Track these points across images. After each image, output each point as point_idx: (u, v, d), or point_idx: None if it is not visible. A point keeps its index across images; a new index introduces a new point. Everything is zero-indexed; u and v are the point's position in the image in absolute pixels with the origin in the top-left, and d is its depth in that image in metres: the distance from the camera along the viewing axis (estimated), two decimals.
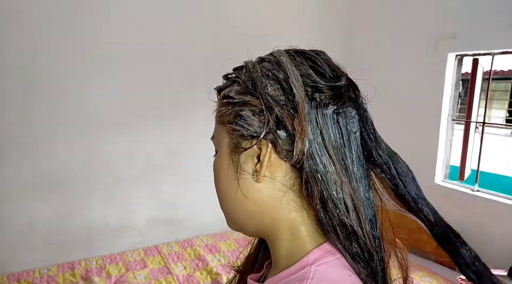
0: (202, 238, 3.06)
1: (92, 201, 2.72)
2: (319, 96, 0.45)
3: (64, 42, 2.48)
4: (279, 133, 0.45)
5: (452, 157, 2.99)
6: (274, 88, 0.46)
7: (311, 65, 0.47)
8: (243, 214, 0.50)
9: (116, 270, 2.57)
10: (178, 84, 2.89)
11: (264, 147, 0.45)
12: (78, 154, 2.63)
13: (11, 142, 2.42)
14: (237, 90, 0.47)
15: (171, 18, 2.79)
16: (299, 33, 3.26)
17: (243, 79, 0.48)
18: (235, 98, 0.47)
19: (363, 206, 0.46)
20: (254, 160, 0.47)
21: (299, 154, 0.44)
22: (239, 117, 0.46)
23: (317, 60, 0.48)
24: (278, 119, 0.45)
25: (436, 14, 2.84)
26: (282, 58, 0.47)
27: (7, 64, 2.35)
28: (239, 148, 0.47)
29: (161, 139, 2.89)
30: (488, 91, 2.87)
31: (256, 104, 0.45)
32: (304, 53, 0.49)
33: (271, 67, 0.47)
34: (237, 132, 0.47)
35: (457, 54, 2.81)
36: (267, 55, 0.50)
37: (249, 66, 0.49)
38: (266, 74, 0.46)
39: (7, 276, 2.41)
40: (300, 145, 0.44)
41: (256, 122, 0.45)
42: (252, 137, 0.46)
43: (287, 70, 0.46)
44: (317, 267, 0.44)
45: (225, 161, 0.49)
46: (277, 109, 0.44)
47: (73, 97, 2.56)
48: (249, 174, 0.47)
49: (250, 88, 0.47)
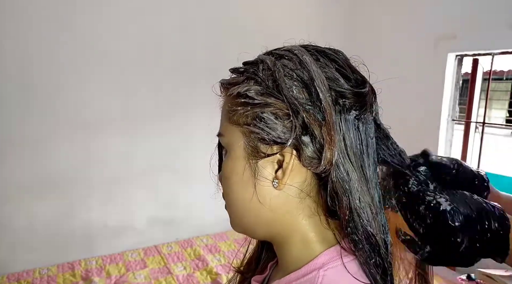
0: (202, 238, 3.05)
1: (92, 201, 2.72)
2: (343, 101, 0.43)
3: (64, 42, 2.48)
4: (303, 139, 0.42)
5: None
6: (299, 91, 0.43)
7: (336, 68, 0.45)
8: (255, 219, 0.47)
9: (116, 270, 2.57)
10: (178, 84, 2.88)
11: (288, 154, 0.43)
12: (77, 154, 2.63)
13: (11, 142, 2.42)
14: (258, 90, 0.44)
15: (171, 18, 2.79)
16: (299, 33, 3.26)
17: (262, 78, 0.44)
18: (255, 99, 0.43)
19: (379, 213, 0.45)
20: (275, 166, 0.44)
21: (326, 164, 0.42)
22: (258, 119, 0.43)
23: (341, 63, 0.46)
24: (304, 125, 0.42)
25: (436, 14, 2.84)
26: (305, 57, 0.44)
27: (7, 64, 2.35)
28: (258, 152, 0.44)
29: (160, 139, 2.89)
30: (488, 91, 2.87)
31: (280, 107, 0.42)
32: (326, 53, 0.47)
33: (294, 66, 0.44)
34: (255, 135, 0.44)
35: (457, 54, 2.81)
36: (284, 50, 0.46)
37: (268, 62, 0.45)
38: (289, 75, 0.43)
39: (7, 276, 2.41)
40: (329, 155, 0.42)
41: (279, 127, 0.42)
42: (274, 142, 0.43)
43: (312, 72, 0.43)
44: (326, 272, 0.43)
45: (240, 164, 0.46)
46: (304, 115, 0.42)
47: (72, 98, 2.56)
48: (268, 181, 0.44)
49: (271, 88, 0.43)
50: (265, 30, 3.04)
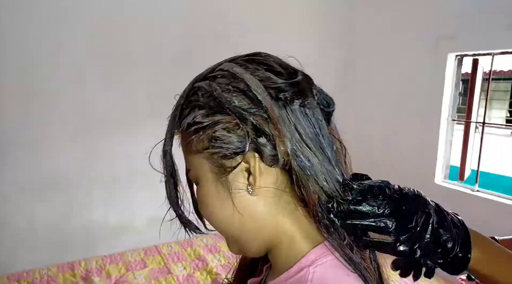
0: (202, 238, 3.05)
1: (92, 201, 2.72)
2: (283, 95, 0.46)
3: (64, 43, 2.48)
4: (260, 141, 0.44)
5: (452, 157, 2.99)
6: (239, 100, 0.45)
7: (265, 68, 0.48)
8: (245, 235, 0.49)
9: (116, 270, 2.57)
10: (178, 84, 2.87)
11: (252, 158, 0.45)
12: (78, 154, 2.63)
13: (11, 142, 2.42)
14: (203, 113, 0.46)
15: (172, 18, 2.79)
16: (299, 33, 3.27)
17: (204, 102, 0.46)
18: (204, 122, 0.45)
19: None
20: (245, 174, 0.46)
21: (284, 156, 0.44)
22: (214, 140, 0.45)
23: (268, 62, 0.49)
24: (255, 127, 0.44)
25: (436, 14, 2.84)
26: (235, 69, 0.47)
27: (7, 65, 2.35)
28: (225, 168, 0.46)
29: (160, 139, 2.89)
30: (488, 91, 2.87)
31: (228, 120, 0.44)
32: (252, 59, 0.49)
33: (228, 81, 0.46)
34: (216, 154, 0.46)
35: (457, 55, 2.81)
36: (216, 71, 0.49)
37: (204, 86, 0.47)
38: (226, 89, 0.45)
39: (7, 276, 2.41)
40: (283, 147, 0.44)
41: (234, 138, 0.44)
42: (235, 153, 0.45)
43: (245, 79, 0.45)
44: (315, 268, 0.44)
45: (212, 186, 0.48)
46: (252, 118, 0.44)
47: (73, 98, 2.56)
48: (243, 190, 0.46)
49: (214, 107, 0.45)
50: (265, 30, 3.04)
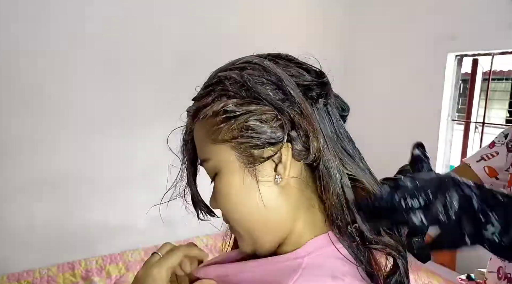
0: (202, 238, 3.06)
1: (92, 201, 2.72)
2: (311, 93, 0.47)
3: (64, 42, 2.48)
4: (291, 134, 0.45)
5: (452, 157, 2.99)
6: (274, 93, 0.45)
7: (296, 65, 0.49)
8: (264, 228, 0.48)
9: (116, 270, 2.57)
10: (179, 83, 2.88)
11: (285, 149, 0.45)
12: (78, 154, 2.62)
13: (11, 142, 2.42)
14: (235, 102, 0.45)
15: (172, 18, 2.79)
16: (299, 34, 3.27)
17: (234, 91, 0.45)
18: (236, 111, 0.44)
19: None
20: (272, 164, 0.46)
21: (316, 152, 0.45)
22: (245, 129, 0.44)
23: (296, 60, 0.50)
24: (291, 120, 0.45)
25: (436, 14, 2.84)
26: (266, 63, 0.47)
27: (7, 64, 2.35)
28: (255, 158, 0.45)
29: (161, 139, 2.88)
30: (488, 91, 2.87)
31: (264, 111, 0.44)
32: (280, 55, 0.50)
33: (260, 73, 0.46)
34: (246, 144, 0.45)
35: (457, 54, 2.81)
36: (241, 63, 0.48)
37: (234, 76, 0.46)
38: (260, 81, 0.45)
39: (7, 276, 2.41)
40: (316, 144, 0.45)
41: (268, 129, 0.44)
42: (269, 144, 0.44)
43: (277, 73, 0.46)
44: (312, 258, 0.45)
45: (237, 176, 0.47)
46: (289, 110, 0.44)
47: (73, 98, 2.56)
48: (270, 180, 0.46)
49: (247, 97, 0.45)
50: (265, 30, 3.04)
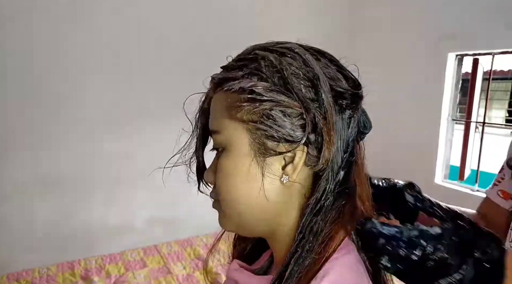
0: (202, 238, 3.05)
1: (92, 201, 2.72)
2: (341, 102, 0.44)
3: (64, 42, 2.47)
4: (310, 138, 0.43)
5: (452, 157, 2.99)
6: (306, 90, 0.43)
7: (336, 68, 0.46)
8: (259, 216, 0.47)
9: (115, 270, 2.57)
10: (179, 83, 2.87)
11: (300, 151, 0.43)
12: (78, 154, 2.62)
13: (11, 142, 2.42)
14: (265, 86, 0.42)
15: (172, 18, 2.79)
16: (299, 33, 3.25)
17: (267, 74, 0.43)
18: (264, 96, 0.42)
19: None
20: (281, 161, 0.44)
21: (324, 163, 0.43)
22: (266, 117, 0.42)
23: (338, 62, 0.47)
24: (313, 123, 0.42)
25: (436, 14, 2.84)
26: (308, 56, 0.44)
27: (7, 64, 2.35)
28: (266, 149, 0.44)
29: (161, 139, 2.88)
30: (488, 91, 2.87)
31: (291, 105, 0.42)
32: (323, 53, 0.47)
33: (298, 65, 0.43)
34: (262, 132, 0.43)
35: (457, 54, 2.81)
36: (282, 47, 0.45)
37: (272, 59, 0.44)
38: (296, 73, 0.43)
39: (7, 276, 2.41)
40: (327, 154, 0.43)
41: (288, 124, 0.42)
42: (285, 140, 0.43)
43: (316, 71, 0.43)
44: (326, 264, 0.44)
45: (244, 161, 0.45)
46: (315, 113, 0.42)
47: (73, 97, 2.56)
48: (276, 177, 0.44)
49: (279, 85, 0.43)
50: (264, 29, 3.04)
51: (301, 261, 0.43)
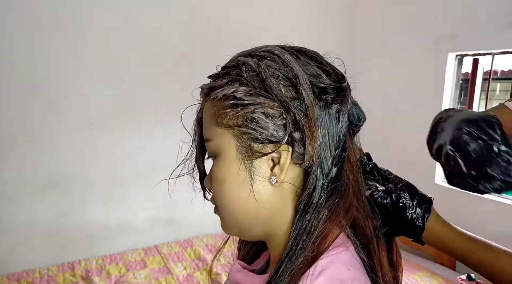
0: (202, 238, 3.05)
1: (92, 201, 2.72)
2: (326, 97, 0.45)
3: (64, 42, 2.48)
4: (295, 136, 0.44)
5: None
6: (286, 90, 0.44)
7: (316, 65, 0.46)
8: (253, 219, 0.48)
9: (116, 270, 2.57)
10: (179, 84, 2.88)
11: (285, 151, 0.44)
12: (78, 154, 2.63)
13: (11, 142, 2.42)
14: (246, 91, 0.44)
15: (172, 18, 2.79)
16: (299, 33, 3.26)
17: (247, 79, 0.44)
18: (245, 100, 0.43)
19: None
20: (269, 163, 0.45)
21: (309, 160, 0.44)
22: (249, 120, 0.44)
23: (319, 59, 0.47)
24: (295, 121, 0.43)
25: (436, 14, 2.84)
26: (286, 56, 0.45)
27: (8, 64, 2.35)
28: (253, 152, 0.45)
29: (161, 139, 2.89)
30: (488, 91, 2.87)
31: (271, 106, 0.43)
32: (304, 51, 0.48)
33: (278, 66, 0.44)
34: (248, 135, 0.44)
35: (457, 54, 2.81)
36: (263, 51, 0.46)
37: (251, 64, 0.45)
38: (275, 74, 0.44)
39: (7, 276, 2.41)
40: (311, 151, 0.43)
41: (271, 125, 0.43)
42: (269, 141, 0.44)
43: (295, 70, 0.44)
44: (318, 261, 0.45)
45: (234, 165, 0.46)
46: (295, 111, 0.43)
47: (73, 97, 2.56)
48: (264, 179, 0.45)
49: (259, 88, 0.44)
50: (265, 30, 3.04)
51: (294, 258, 0.43)
